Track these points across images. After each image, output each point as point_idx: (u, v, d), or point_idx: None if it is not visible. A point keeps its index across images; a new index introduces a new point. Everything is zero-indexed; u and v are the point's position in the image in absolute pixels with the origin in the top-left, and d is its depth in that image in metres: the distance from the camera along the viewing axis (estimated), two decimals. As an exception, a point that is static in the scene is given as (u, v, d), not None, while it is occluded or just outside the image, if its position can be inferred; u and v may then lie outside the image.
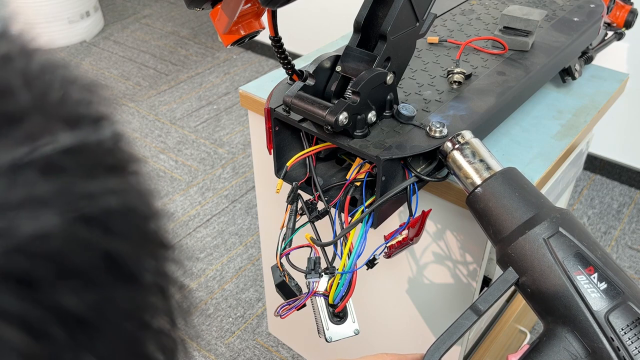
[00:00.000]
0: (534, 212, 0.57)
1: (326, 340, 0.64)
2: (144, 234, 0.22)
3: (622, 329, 0.50)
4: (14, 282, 0.17)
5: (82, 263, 0.19)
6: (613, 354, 0.50)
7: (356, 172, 0.69)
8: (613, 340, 0.50)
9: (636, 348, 0.50)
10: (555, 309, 0.54)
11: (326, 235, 0.67)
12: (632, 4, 1.09)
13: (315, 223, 0.69)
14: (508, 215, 0.58)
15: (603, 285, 0.52)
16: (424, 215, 0.67)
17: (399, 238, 0.68)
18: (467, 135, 0.64)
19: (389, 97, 0.69)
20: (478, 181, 0.61)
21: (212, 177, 2.01)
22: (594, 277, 0.52)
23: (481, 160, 0.62)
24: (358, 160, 0.69)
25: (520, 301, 1.18)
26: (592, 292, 0.52)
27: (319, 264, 0.64)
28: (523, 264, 0.56)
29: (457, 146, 0.64)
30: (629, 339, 0.50)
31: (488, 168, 0.62)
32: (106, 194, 0.20)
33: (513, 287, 0.57)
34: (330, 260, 0.66)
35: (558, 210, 0.57)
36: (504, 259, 0.58)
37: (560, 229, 0.55)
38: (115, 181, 0.21)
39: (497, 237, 0.59)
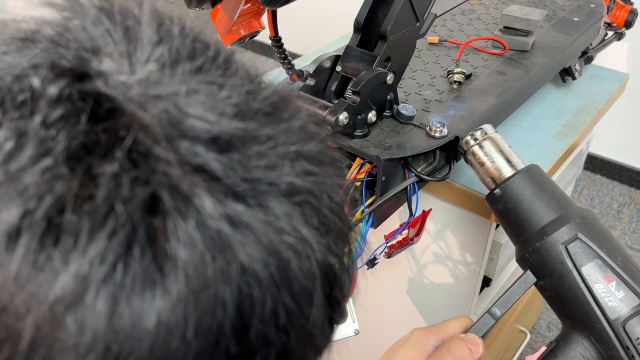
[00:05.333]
0: (554, 216, 0.56)
1: (326, 340, 0.63)
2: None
3: (638, 338, 0.51)
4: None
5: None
6: None
7: (356, 172, 0.69)
8: (628, 349, 0.51)
9: None
10: (572, 314, 0.54)
11: (326, 235, 0.67)
12: (632, 4, 1.09)
13: (315, 223, 0.69)
14: (528, 217, 0.57)
15: (621, 294, 0.52)
16: (424, 215, 0.67)
17: (399, 238, 0.68)
18: (489, 129, 0.61)
19: (389, 97, 0.69)
20: (499, 180, 0.59)
21: (212, 177, 2.00)
22: (612, 286, 0.52)
23: (503, 157, 0.60)
24: (358, 160, 0.69)
25: (520, 301, 1.18)
26: (609, 302, 0.52)
27: (319, 264, 0.64)
28: (541, 270, 0.55)
29: (477, 141, 0.61)
30: None
31: (509, 165, 0.59)
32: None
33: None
34: (330, 260, 0.66)
35: (579, 214, 0.56)
36: (522, 261, 0.58)
37: (579, 235, 0.54)
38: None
39: (516, 238, 0.59)
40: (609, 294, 0.52)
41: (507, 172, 0.59)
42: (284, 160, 0.23)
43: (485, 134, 0.61)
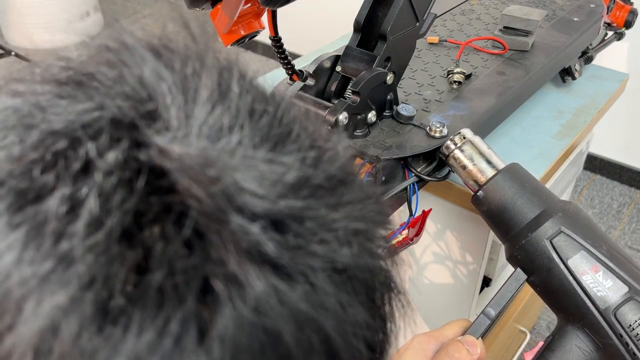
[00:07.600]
0: (537, 212, 0.57)
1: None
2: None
3: (630, 325, 0.51)
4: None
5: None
6: (622, 349, 0.51)
7: (356, 172, 0.69)
8: (622, 337, 0.52)
9: None
10: (565, 307, 0.55)
11: (326, 235, 0.67)
12: (632, 4, 1.09)
13: (315, 223, 0.69)
14: (512, 215, 0.58)
15: (609, 283, 0.53)
16: (424, 215, 0.67)
17: (399, 238, 0.68)
18: (468, 133, 0.63)
19: (389, 97, 0.69)
20: (481, 181, 0.61)
21: (212, 177, 2.00)
22: (599, 276, 0.53)
23: (483, 159, 0.61)
24: (358, 160, 0.69)
25: (520, 301, 1.18)
26: (598, 292, 0.53)
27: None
28: (530, 266, 0.56)
29: (457, 145, 0.63)
30: (638, 334, 0.51)
31: (490, 166, 0.61)
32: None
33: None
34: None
35: (561, 207, 0.57)
36: (511, 260, 0.58)
37: (563, 229, 0.55)
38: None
39: (504, 237, 0.59)
40: (597, 284, 0.53)
41: (489, 173, 0.60)
42: (338, 238, 0.22)
43: (464, 137, 0.62)
